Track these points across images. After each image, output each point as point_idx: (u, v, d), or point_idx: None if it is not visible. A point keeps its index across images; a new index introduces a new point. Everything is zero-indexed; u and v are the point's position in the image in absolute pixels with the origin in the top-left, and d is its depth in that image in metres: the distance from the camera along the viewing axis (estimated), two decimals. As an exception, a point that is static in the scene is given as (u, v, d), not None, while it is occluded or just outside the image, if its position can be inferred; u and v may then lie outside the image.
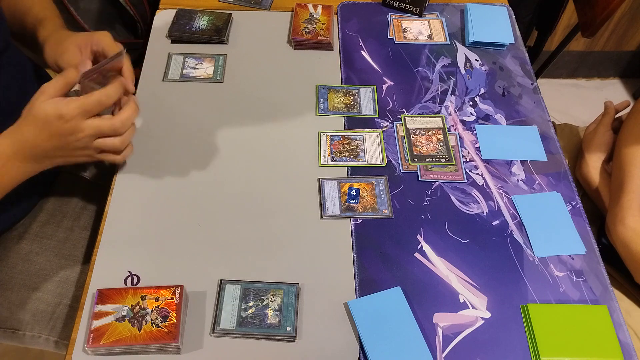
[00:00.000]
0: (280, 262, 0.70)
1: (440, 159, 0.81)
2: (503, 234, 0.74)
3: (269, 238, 0.72)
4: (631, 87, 2.12)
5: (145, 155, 0.80)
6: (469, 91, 0.90)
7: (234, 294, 0.66)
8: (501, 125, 0.86)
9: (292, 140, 0.82)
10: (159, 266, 0.69)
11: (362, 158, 0.80)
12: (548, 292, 0.69)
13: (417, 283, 0.69)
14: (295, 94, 0.88)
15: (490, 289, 0.69)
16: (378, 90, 0.89)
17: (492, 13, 1.01)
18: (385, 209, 0.75)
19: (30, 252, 0.85)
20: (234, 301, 0.66)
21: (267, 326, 0.64)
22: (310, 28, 0.96)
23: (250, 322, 0.64)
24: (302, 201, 0.76)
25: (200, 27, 0.95)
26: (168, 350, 0.62)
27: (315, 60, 0.94)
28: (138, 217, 0.73)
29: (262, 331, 0.63)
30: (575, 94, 2.10)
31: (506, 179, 0.80)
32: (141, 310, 0.63)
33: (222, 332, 0.64)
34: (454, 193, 0.78)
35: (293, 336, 0.63)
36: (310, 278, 0.69)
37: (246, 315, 0.64)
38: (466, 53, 0.96)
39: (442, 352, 0.64)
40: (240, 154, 0.80)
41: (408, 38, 0.97)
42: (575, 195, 0.79)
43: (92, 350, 0.61)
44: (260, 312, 0.65)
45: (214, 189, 0.77)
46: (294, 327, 0.64)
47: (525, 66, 0.95)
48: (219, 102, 0.86)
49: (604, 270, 0.72)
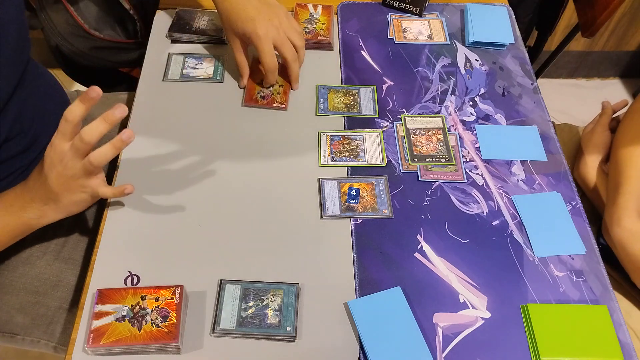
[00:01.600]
0: (280, 262, 0.70)
1: (440, 159, 0.81)
2: (503, 234, 0.74)
3: (269, 238, 0.72)
4: (631, 87, 2.12)
5: (144, 155, 0.80)
6: (469, 91, 0.90)
7: (234, 294, 0.66)
8: (501, 125, 0.86)
9: (292, 140, 0.82)
10: (159, 266, 0.69)
11: (362, 158, 0.80)
12: (548, 292, 0.69)
13: (417, 283, 0.69)
14: (295, 93, 0.88)
15: (490, 289, 0.69)
16: (378, 90, 0.89)
17: (492, 13, 1.01)
18: (385, 209, 0.75)
19: (30, 255, 0.85)
20: (234, 301, 0.66)
21: (267, 326, 0.64)
22: (310, 28, 0.95)
23: (250, 322, 0.64)
24: (302, 201, 0.76)
25: (200, 27, 0.95)
26: (168, 350, 0.62)
27: (315, 60, 0.93)
28: (138, 217, 0.73)
29: (262, 331, 0.63)
30: (575, 94, 2.10)
31: (506, 179, 0.80)
32: (141, 310, 0.63)
33: (222, 332, 0.64)
34: (454, 193, 0.78)
35: (293, 336, 0.63)
36: (310, 278, 0.69)
37: (246, 315, 0.64)
38: (466, 53, 0.96)
39: (442, 352, 0.64)
40: (240, 154, 0.80)
41: (408, 38, 0.97)
42: (575, 195, 0.79)
43: (92, 350, 0.61)
44: (260, 312, 0.65)
45: (214, 188, 0.77)
46: (294, 327, 0.64)
47: (525, 66, 0.95)
48: (219, 102, 0.86)
49: (604, 270, 0.72)
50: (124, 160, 0.79)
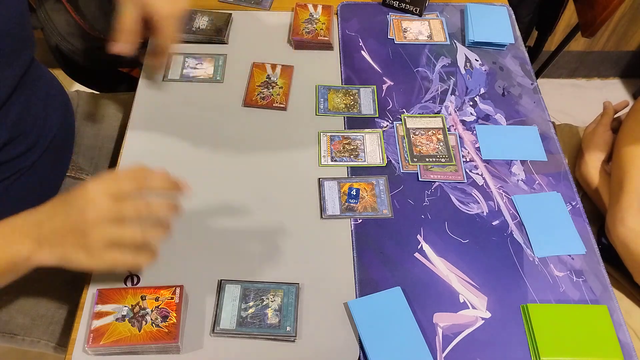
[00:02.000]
0: (280, 262, 0.70)
1: (440, 159, 0.81)
2: (503, 234, 0.74)
3: (269, 237, 0.72)
4: (631, 87, 2.12)
5: (144, 155, 0.80)
6: (469, 91, 0.90)
7: (234, 294, 0.66)
8: (501, 125, 0.86)
9: (292, 140, 0.82)
10: (159, 266, 0.69)
11: (362, 158, 0.80)
12: (548, 292, 0.69)
13: (417, 283, 0.69)
14: (295, 93, 0.88)
15: (490, 289, 0.69)
16: (378, 90, 0.89)
17: (492, 13, 1.01)
18: (385, 209, 0.75)
19: None
20: (234, 301, 0.66)
21: (267, 326, 0.64)
22: (310, 28, 0.95)
23: (250, 322, 0.64)
24: (302, 201, 0.76)
25: (200, 27, 0.95)
26: (168, 350, 0.62)
27: (315, 60, 0.93)
28: (138, 217, 0.73)
29: (262, 331, 0.63)
30: (575, 94, 2.10)
31: (506, 179, 0.80)
32: (141, 310, 0.63)
33: (222, 332, 0.64)
34: (454, 193, 0.78)
35: (293, 336, 0.63)
36: (310, 278, 0.69)
37: (246, 315, 0.64)
38: (466, 53, 0.96)
39: (442, 352, 0.64)
40: (240, 154, 0.80)
41: (408, 38, 0.97)
42: (575, 195, 0.79)
43: (92, 350, 0.61)
44: (260, 312, 0.65)
45: (214, 188, 0.77)
46: (294, 327, 0.64)
47: (525, 66, 0.95)
48: (219, 102, 0.86)
49: (604, 270, 0.72)
50: (123, 160, 0.79)
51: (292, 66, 0.91)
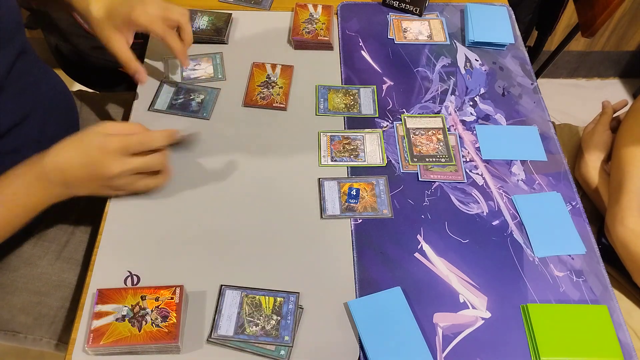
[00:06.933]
0: (280, 262, 0.70)
1: (440, 159, 0.81)
2: (503, 234, 0.74)
3: (269, 237, 0.72)
4: (631, 87, 2.12)
5: (145, 155, 0.80)
6: (469, 91, 0.90)
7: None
8: (501, 125, 0.86)
9: (292, 140, 0.82)
10: (159, 266, 0.69)
11: (362, 158, 0.80)
12: (548, 292, 0.69)
13: (417, 283, 0.69)
14: (295, 94, 0.88)
15: (490, 289, 0.69)
16: (378, 90, 0.89)
17: (492, 13, 1.01)
18: (385, 209, 0.75)
19: (32, 255, 0.85)
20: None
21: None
22: (310, 28, 0.95)
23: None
24: (302, 201, 0.76)
25: (200, 27, 0.95)
26: (168, 350, 0.62)
27: (315, 60, 0.93)
28: (138, 217, 0.73)
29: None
30: (575, 94, 2.10)
31: (506, 179, 0.80)
32: (141, 310, 0.63)
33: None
34: (454, 193, 0.78)
35: (290, 346, 0.63)
36: (310, 278, 0.69)
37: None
38: (466, 53, 0.96)
39: (442, 352, 0.64)
40: (240, 154, 0.80)
41: (408, 38, 0.97)
42: (575, 195, 0.79)
43: (92, 350, 0.61)
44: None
45: (214, 188, 0.77)
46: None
47: (525, 66, 0.95)
48: (219, 102, 0.86)
49: (604, 270, 0.72)
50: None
51: (292, 66, 0.91)
